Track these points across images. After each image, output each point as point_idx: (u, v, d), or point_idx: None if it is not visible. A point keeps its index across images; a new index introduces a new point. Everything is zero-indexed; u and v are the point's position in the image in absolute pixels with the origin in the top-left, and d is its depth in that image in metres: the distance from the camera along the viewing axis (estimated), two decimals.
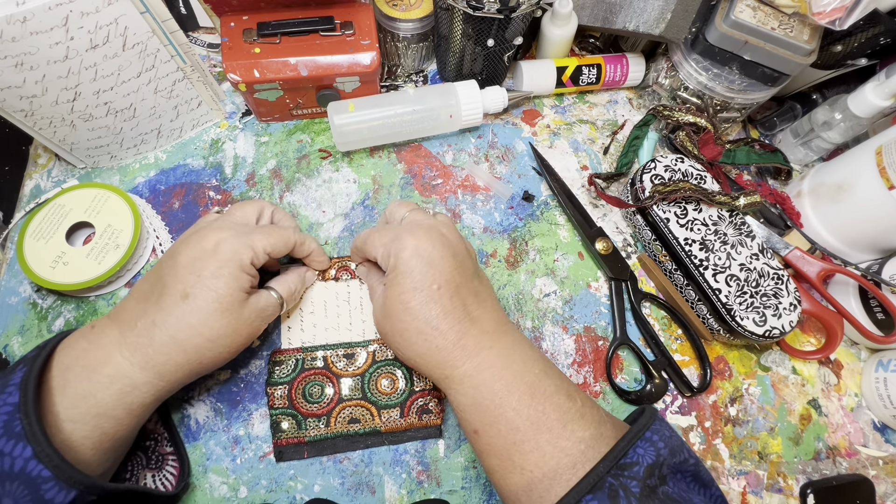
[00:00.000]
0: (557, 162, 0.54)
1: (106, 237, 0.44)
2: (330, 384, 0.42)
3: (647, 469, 0.30)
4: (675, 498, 0.29)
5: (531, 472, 0.32)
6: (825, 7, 0.42)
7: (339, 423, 0.41)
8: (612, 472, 0.29)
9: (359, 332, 0.43)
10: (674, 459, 0.31)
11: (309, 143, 0.53)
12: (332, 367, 0.42)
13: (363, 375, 0.42)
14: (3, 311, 0.44)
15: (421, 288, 0.35)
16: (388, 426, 0.41)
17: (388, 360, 0.42)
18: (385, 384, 0.42)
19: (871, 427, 0.48)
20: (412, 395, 0.42)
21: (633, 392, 0.45)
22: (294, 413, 0.41)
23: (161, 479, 0.39)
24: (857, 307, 0.48)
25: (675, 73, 0.53)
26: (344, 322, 0.44)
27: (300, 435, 0.40)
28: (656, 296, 0.49)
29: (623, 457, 0.30)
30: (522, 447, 0.32)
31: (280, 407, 0.41)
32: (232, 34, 0.47)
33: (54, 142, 0.45)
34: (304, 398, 0.41)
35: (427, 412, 0.42)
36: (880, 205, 0.45)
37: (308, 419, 0.41)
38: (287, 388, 0.41)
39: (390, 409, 0.41)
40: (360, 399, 0.41)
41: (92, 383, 0.32)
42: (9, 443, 0.28)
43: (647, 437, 0.31)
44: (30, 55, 0.37)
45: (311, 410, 0.41)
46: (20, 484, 0.28)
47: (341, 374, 0.42)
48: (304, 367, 0.42)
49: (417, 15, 0.51)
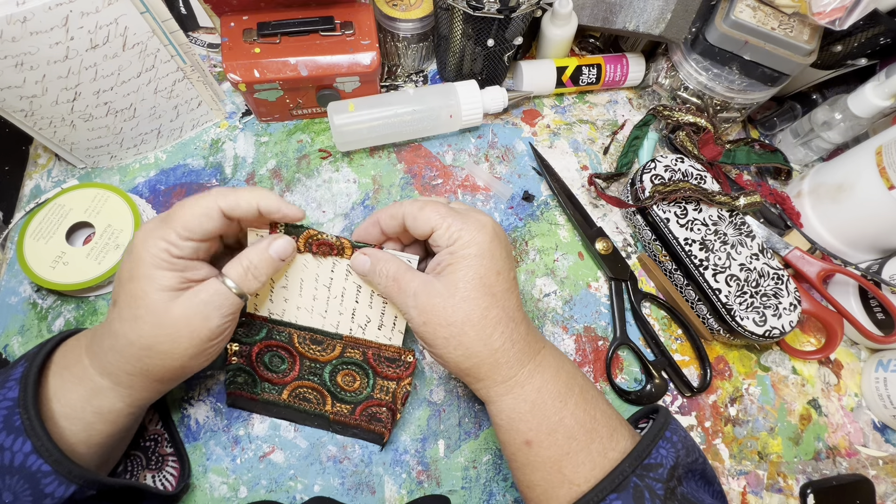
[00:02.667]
0: (557, 162, 0.54)
1: (106, 237, 0.43)
2: (290, 360, 0.40)
3: (669, 470, 0.29)
4: (691, 499, 0.29)
5: (579, 487, 0.29)
6: (825, 7, 0.42)
7: (292, 397, 0.41)
8: (637, 472, 0.29)
9: (332, 323, 0.39)
10: (688, 459, 0.31)
11: (309, 143, 0.53)
12: (297, 346, 0.40)
13: (326, 364, 0.40)
14: (3, 311, 0.44)
15: (503, 273, 0.31)
16: (336, 417, 0.41)
17: (355, 360, 0.40)
18: (345, 381, 0.40)
19: (871, 427, 0.48)
20: (369, 399, 0.40)
21: (633, 392, 0.45)
22: (251, 372, 0.40)
23: (161, 479, 0.39)
24: (857, 307, 0.48)
25: (675, 73, 0.53)
26: (319, 307, 0.38)
27: (254, 393, 0.41)
28: (656, 296, 0.49)
29: (647, 457, 0.29)
30: (576, 458, 0.30)
31: (237, 363, 0.39)
32: (232, 34, 0.47)
33: (54, 142, 0.45)
34: (264, 364, 0.40)
35: (377, 420, 0.41)
36: (880, 205, 0.45)
37: (263, 382, 0.41)
38: (249, 348, 0.39)
39: (343, 403, 0.41)
40: (317, 383, 0.41)
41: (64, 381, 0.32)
42: (8, 437, 0.28)
43: (667, 437, 0.31)
44: (30, 55, 0.37)
45: (268, 376, 0.40)
46: (20, 478, 0.28)
47: (305, 355, 0.40)
48: (270, 337, 0.39)
49: (417, 15, 0.51)
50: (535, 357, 0.32)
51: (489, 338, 0.30)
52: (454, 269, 0.31)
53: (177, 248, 0.31)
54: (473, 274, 0.30)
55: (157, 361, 0.31)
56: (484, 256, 0.31)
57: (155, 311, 0.30)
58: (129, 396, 0.32)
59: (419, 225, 0.32)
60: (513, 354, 0.31)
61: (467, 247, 0.31)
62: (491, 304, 0.30)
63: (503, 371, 0.31)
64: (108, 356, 0.31)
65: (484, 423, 0.43)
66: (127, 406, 0.33)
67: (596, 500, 0.28)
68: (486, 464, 0.42)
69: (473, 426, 0.43)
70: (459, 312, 0.30)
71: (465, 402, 0.44)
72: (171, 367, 0.32)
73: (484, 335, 0.30)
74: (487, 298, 0.30)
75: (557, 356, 0.34)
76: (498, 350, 0.31)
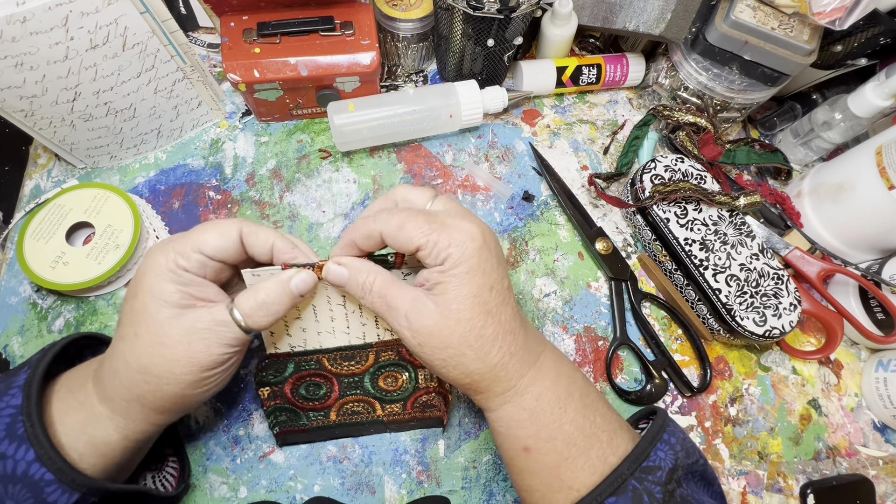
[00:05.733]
0: (557, 162, 0.54)
1: (106, 237, 0.43)
2: (327, 383, 0.40)
3: (668, 473, 0.29)
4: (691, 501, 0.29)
5: (578, 492, 0.29)
6: (825, 7, 0.42)
7: (341, 415, 0.41)
8: (636, 474, 0.29)
9: (358, 336, 0.38)
10: (688, 461, 0.31)
11: (309, 143, 0.53)
12: (329, 368, 0.39)
13: (364, 374, 0.39)
14: (3, 311, 0.44)
15: (496, 286, 0.29)
16: (390, 418, 0.41)
17: (392, 361, 0.39)
18: (388, 383, 0.40)
19: (871, 427, 0.48)
20: (416, 391, 0.40)
21: (633, 392, 0.45)
22: (291, 409, 0.40)
23: (161, 480, 0.39)
24: (857, 307, 0.48)
25: (675, 73, 0.53)
26: (339, 326, 0.37)
27: (301, 425, 0.40)
28: (656, 296, 0.49)
29: (645, 459, 0.29)
30: (575, 463, 0.29)
31: (274, 405, 0.39)
32: (232, 34, 0.47)
33: (54, 142, 0.45)
34: (301, 397, 0.40)
35: (430, 406, 0.41)
36: (880, 205, 0.45)
37: (308, 412, 0.40)
38: (280, 387, 0.39)
39: (393, 403, 0.41)
40: (361, 395, 0.40)
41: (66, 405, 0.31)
42: (11, 445, 0.28)
43: (665, 440, 0.30)
44: (30, 55, 0.37)
45: (310, 406, 0.40)
46: (23, 487, 0.28)
47: (340, 374, 0.39)
48: (299, 369, 0.39)
49: (417, 15, 0.51)
50: (534, 364, 0.31)
51: (487, 355, 0.29)
52: (445, 289, 0.29)
53: (184, 258, 0.30)
54: (466, 293, 0.29)
55: (153, 388, 0.30)
56: (475, 273, 0.29)
57: (154, 328, 0.29)
58: (124, 428, 0.31)
59: (401, 245, 0.30)
60: (512, 366, 0.30)
61: (457, 265, 0.29)
62: (486, 321, 0.29)
63: (502, 384, 0.30)
64: (107, 380, 0.30)
65: (484, 423, 0.43)
66: (122, 439, 0.31)
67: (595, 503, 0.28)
68: (486, 464, 0.42)
69: (473, 426, 0.43)
70: (455, 335, 0.29)
71: (465, 402, 0.44)
72: (167, 394, 0.30)
73: (482, 353, 0.29)
74: (483, 317, 0.29)
75: (557, 360, 0.33)
76: (496, 366, 0.30)
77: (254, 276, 0.32)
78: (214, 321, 0.30)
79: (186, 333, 0.29)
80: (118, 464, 0.32)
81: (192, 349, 0.29)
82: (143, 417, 0.31)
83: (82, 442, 0.30)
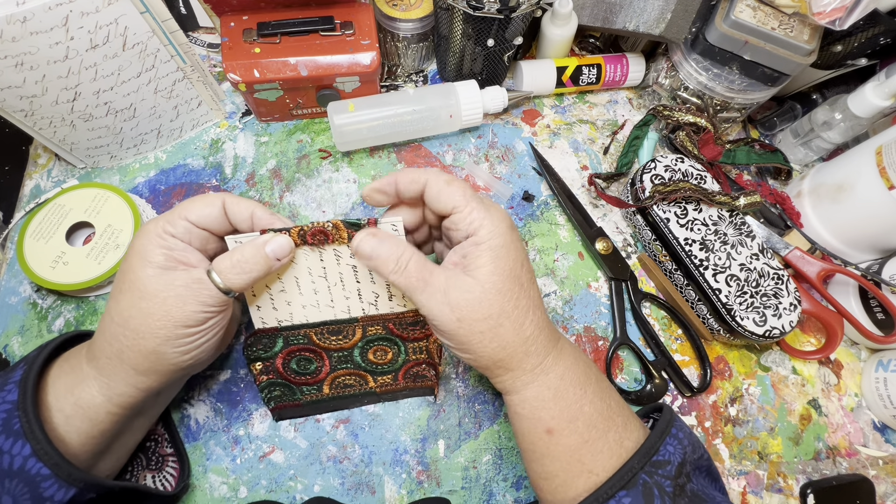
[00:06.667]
0: (557, 162, 0.54)
1: (106, 237, 0.43)
2: (318, 358, 0.40)
3: (677, 467, 0.29)
4: (701, 496, 0.30)
5: (598, 476, 0.30)
6: (825, 7, 0.42)
7: (334, 388, 0.42)
8: (647, 469, 0.29)
9: (343, 310, 0.38)
10: (695, 455, 0.31)
11: (309, 143, 0.53)
12: (318, 342, 0.39)
13: (353, 348, 0.40)
14: (3, 311, 0.44)
15: (525, 264, 0.31)
16: (382, 389, 0.42)
17: (380, 336, 0.40)
18: (377, 356, 0.41)
19: (871, 427, 0.48)
20: (406, 363, 0.41)
21: (633, 392, 0.45)
22: (284, 383, 0.41)
23: (161, 479, 0.39)
24: (857, 307, 0.48)
25: (675, 73, 0.53)
26: (323, 299, 0.38)
27: (295, 400, 0.41)
28: (656, 296, 0.49)
29: (655, 453, 0.30)
30: (595, 446, 0.30)
31: (267, 380, 0.40)
32: (232, 34, 0.47)
33: (54, 142, 0.45)
34: (293, 371, 0.40)
35: (421, 377, 0.42)
36: (880, 205, 0.45)
37: (301, 387, 0.41)
38: (272, 362, 0.39)
39: (384, 375, 0.42)
40: (353, 368, 0.41)
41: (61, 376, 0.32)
42: (7, 440, 0.28)
43: (673, 434, 0.31)
44: (30, 55, 0.37)
45: (302, 380, 0.41)
46: (19, 482, 0.28)
47: (329, 348, 0.40)
48: (288, 344, 0.39)
49: (417, 15, 0.51)
50: (556, 344, 0.33)
51: (521, 326, 0.31)
52: (484, 262, 0.30)
53: (171, 224, 0.32)
54: (503, 265, 0.30)
55: (130, 342, 0.31)
56: (509, 247, 0.31)
57: (136, 284, 0.30)
58: (108, 389, 0.31)
59: (442, 199, 0.31)
60: (541, 342, 0.31)
61: (493, 237, 0.30)
62: (520, 294, 0.31)
63: (532, 359, 0.31)
64: (96, 340, 0.32)
65: (484, 423, 0.43)
66: (106, 401, 0.31)
67: (606, 497, 0.28)
68: (486, 464, 0.42)
69: (473, 426, 0.43)
70: (496, 305, 0.30)
71: (465, 402, 0.44)
72: (144, 350, 0.31)
73: (517, 325, 0.31)
74: (517, 289, 0.31)
75: (572, 344, 0.34)
76: (529, 338, 0.31)
77: (235, 241, 0.34)
78: (192, 279, 0.31)
79: (164, 288, 0.30)
80: (104, 432, 0.32)
81: (167, 304, 0.30)
82: (124, 377, 0.31)
83: (69, 403, 0.31)
